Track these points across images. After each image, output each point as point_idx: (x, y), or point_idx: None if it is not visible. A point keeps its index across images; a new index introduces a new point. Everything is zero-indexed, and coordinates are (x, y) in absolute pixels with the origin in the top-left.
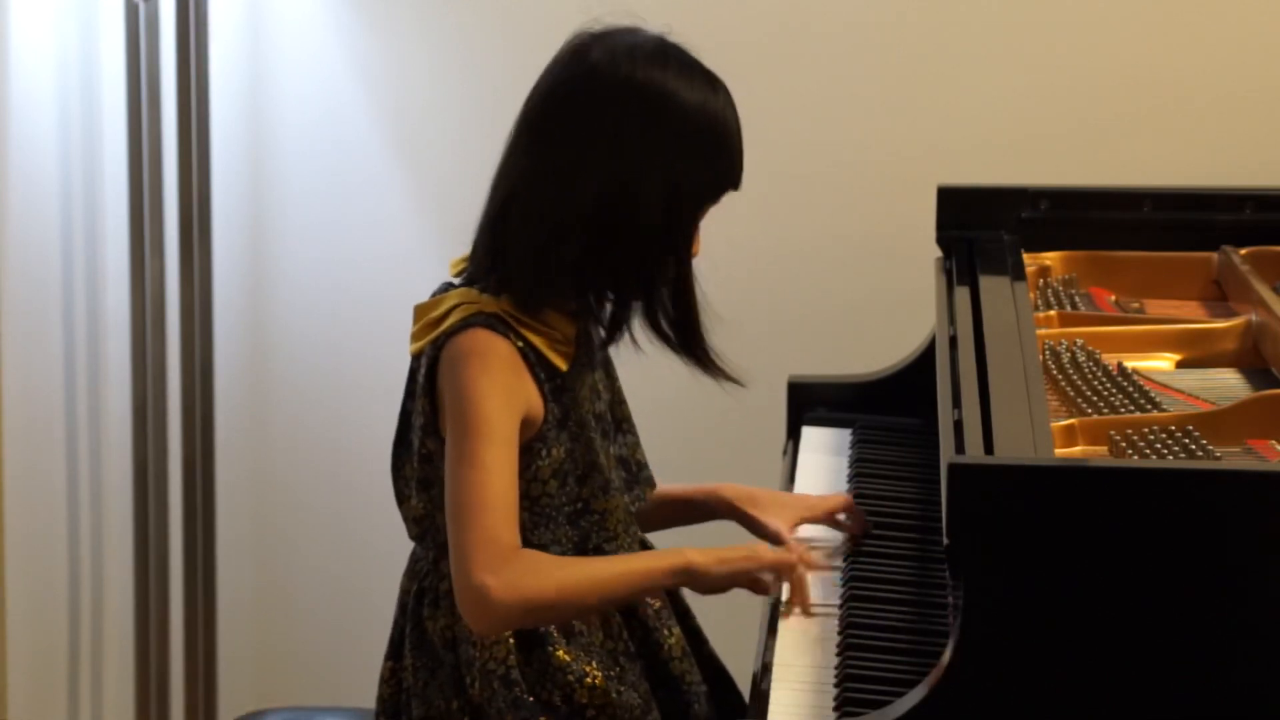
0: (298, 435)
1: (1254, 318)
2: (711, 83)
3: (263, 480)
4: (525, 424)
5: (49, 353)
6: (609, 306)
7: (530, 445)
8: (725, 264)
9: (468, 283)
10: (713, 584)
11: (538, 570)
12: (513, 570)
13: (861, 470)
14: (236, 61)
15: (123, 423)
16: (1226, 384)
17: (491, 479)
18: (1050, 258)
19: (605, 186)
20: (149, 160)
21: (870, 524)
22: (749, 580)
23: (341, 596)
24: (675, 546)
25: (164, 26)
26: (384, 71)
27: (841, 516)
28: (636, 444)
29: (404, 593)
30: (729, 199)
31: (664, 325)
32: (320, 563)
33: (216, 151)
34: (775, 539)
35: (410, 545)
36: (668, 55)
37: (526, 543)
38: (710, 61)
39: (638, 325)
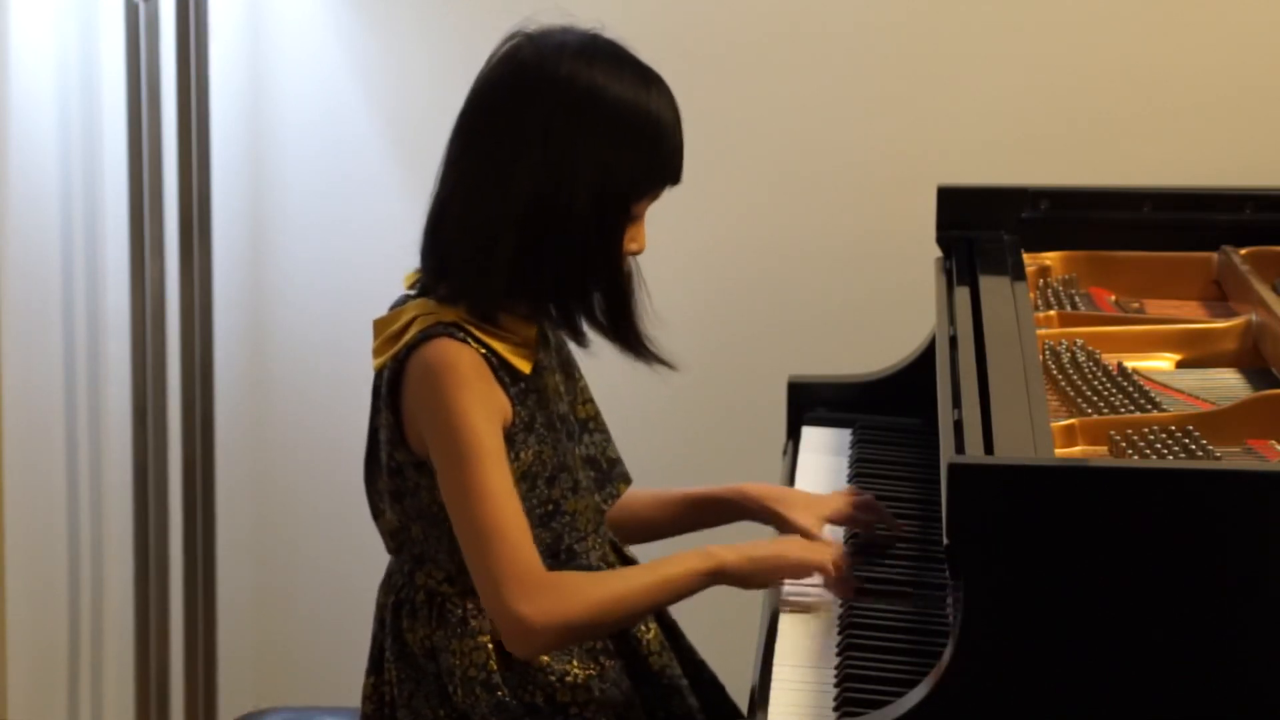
0: (298, 435)
1: (1254, 318)
2: (643, 76)
3: (263, 480)
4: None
5: (49, 353)
6: (556, 307)
7: None
8: (726, 264)
9: (422, 293)
10: (744, 584)
11: (573, 592)
12: (547, 596)
13: (861, 470)
14: (236, 61)
15: (123, 423)
16: (1226, 384)
17: (499, 504)
18: (1050, 258)
19: (535, 184)
20: (149, 160)
21: (898, 523)
22: (780, 579)
23: (341, 596)
24: (701, 547)
25: (164, 26)
26: (384, 71)
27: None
28: (606, 442)
29: (380, 607)
30: (729, 199)
31: (599, 316)
32: (320, 563)
33: (216, 151)
34: (804, 537)
35: None
36: (595, 50)
37: None
38: (712, 62)
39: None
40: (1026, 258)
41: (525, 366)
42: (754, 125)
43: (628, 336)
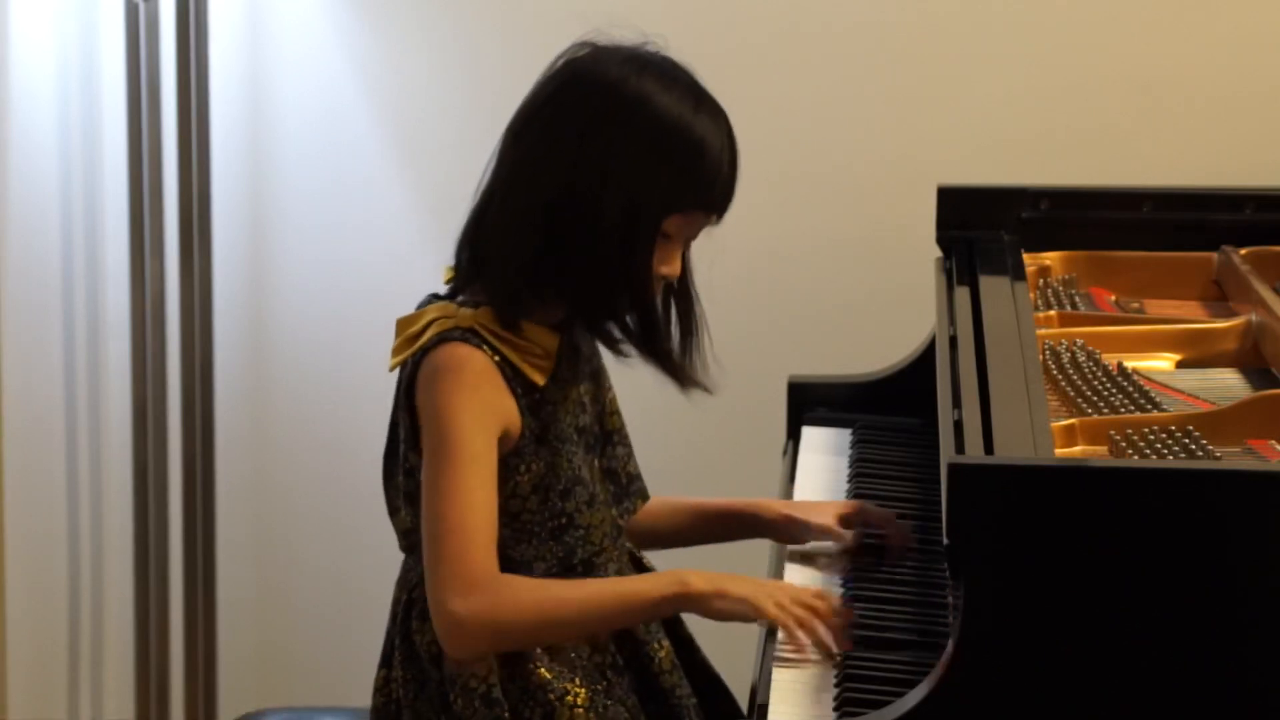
0: (297, 435)
1: (1254, 318)
2: (695, 96)
3: (263, 480)
4: (504, 438)
5: (49, 353)
6: (581, 314)
7: (507, 461)
8: (726, 264)
9: (451, 294)
10: (709, 615)
11: (512, 596)
12: (482, 597)
13: (861, 470)
14: (236, 61)
15: (123, 423)
16: (1226, 384)
17: (463, 503)
18: (1050, 258)
19: (566, 185)
20: (149, 160)
21: (911, 538)
22: (744, 619)
23: (341, 597)
24: (676, 569)
25: (164, 26)
26: (384, 71)
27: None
28: (628, 456)
29: (395, 602)
30: (733, 201)
31: (630, 331)
32: (320, 563)
33: (216, 151)
34: (826, 534)
35: None
36: (650, 63)
37: (507, 559)
38: (712, 62)
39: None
40: (1026, 258)
41: (539, 378)
42: (754, 125)
43: (659, 354)
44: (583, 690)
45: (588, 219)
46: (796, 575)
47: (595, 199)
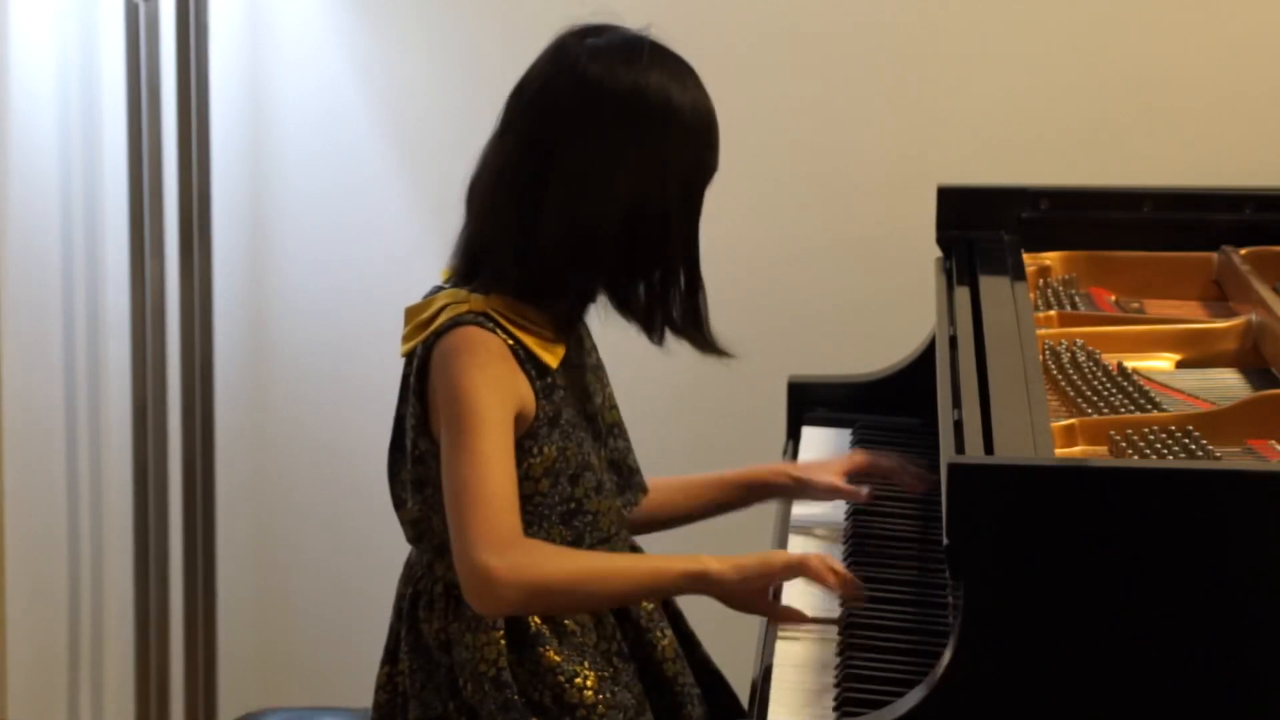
0: (298, 435)
1: (1254, 318)
2: (694, 76)
3: (263, 480)
4: (518, 419)
5: (49, 353)
6: (647, 305)
7: (521, 443)
8: (726, 264)
9: (457, 284)
10: (729, 591)
11: (546, 556)
12: (516, 553)
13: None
14: (236, 61)
15: (123, 423)
16: (1226, 384)
17: (489, 470)
18: (1050, 258)
19: (632, 197)
20: (149, 160)
21: (926, 476)
22: (764, 586)
23: (341, 597)
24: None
25: (164, 26)
26: (384, 71)
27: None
28: (628, 449)
29: (399, 598)
30: (728, 199)
31: (674, 309)
32: (320, 563)
33: (216, 151)
34: (831, 491)
35: (408, 547)
36: (663, 58)
37: None
38: (712, 62)
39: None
40: (1026, 258)
41: (553, 361)
42: (754, 125)
43: (701, 328)
44: (591, 674)
45: (659, 220)
46: (799, 549)
47: (663, 202)
